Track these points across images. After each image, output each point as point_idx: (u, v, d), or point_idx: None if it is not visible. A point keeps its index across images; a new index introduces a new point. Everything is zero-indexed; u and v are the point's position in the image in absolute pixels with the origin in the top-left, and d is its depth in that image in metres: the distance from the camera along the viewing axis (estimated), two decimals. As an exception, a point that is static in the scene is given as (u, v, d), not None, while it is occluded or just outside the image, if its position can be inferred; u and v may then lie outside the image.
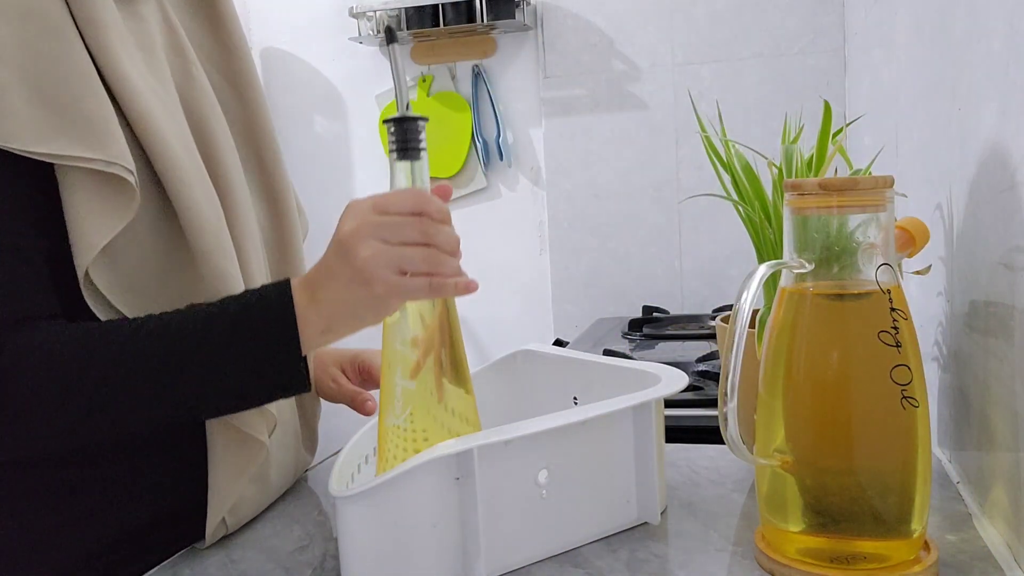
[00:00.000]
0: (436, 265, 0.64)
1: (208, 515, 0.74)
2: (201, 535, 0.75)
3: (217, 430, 0.73)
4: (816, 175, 0.77)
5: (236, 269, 0.74)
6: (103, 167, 0.66)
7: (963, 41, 0.76)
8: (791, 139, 0.80)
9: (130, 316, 0.69)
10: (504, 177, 2.22)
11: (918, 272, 0.80)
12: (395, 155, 0.65)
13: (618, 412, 0.70)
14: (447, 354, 0.68)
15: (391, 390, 0.67)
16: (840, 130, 0.80)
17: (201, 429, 0.74)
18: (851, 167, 0.80)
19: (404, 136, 0.64)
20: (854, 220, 0.61)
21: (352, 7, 2.14)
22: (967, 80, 0.75)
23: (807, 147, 0.79)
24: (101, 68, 0.69)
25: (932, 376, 0.92)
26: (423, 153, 0.65)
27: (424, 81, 2.22)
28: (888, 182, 0.61)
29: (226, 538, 0.77)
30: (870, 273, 0.61)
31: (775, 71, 1.99)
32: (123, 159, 0.67)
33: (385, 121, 0.65)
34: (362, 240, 0.63)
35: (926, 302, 0.93)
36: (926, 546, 0.63)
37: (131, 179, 0.68)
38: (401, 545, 0.62)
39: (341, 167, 2.35)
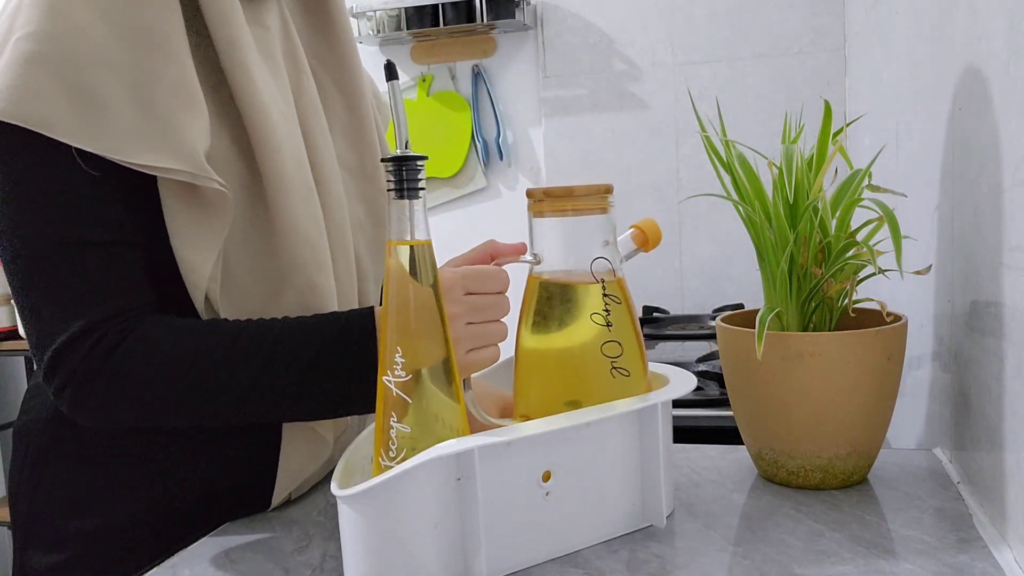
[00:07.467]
0: (497, 338, 0.73)
1: (276, 490, 0.82)
2: (264, 506, 0.83)
3: (291, 426, 0.82)
4: (816, 175, 0.77)
5: (330, 281, 0.80)
6: (189, 179, 0.71)
7: (963, 41, 0.76)
8: (791, 139, 0.80)
9: (222, 315, 0.76)
10: (504, 177, 2.22)
11: (918, 272, 0.80)
12: (393, 194, 0.64)
13: (623, 415, 0.70)
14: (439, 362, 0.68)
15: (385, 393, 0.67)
16: (840, 130, 0.80)
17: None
18: (851, 167, 0.80)
19: (402, 176, 0.64)
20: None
21: (352, 7, 2.14)
22: (967, 80, 0.75)
23: (807, 147, 0.79)
24: (234, 85, 0.75)
25: (932, 376, 0.92)
26: (422, 192, 0.65)
27: (424, 81, 2.22)
28: (604, 189, 0.74)
29: (226, 538, 0.77)
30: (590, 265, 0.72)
31: (775, 71, 1.99)
32: (211, 172, 0.72)
33: (383, 160, 0.65)
34: (455, 320, 0.70)
35: (926, 302, 0.93)
36: None
37: (224, 191, 0.73)
38: (402, 545, 0.62)
39: (341, 167, 2.35)
